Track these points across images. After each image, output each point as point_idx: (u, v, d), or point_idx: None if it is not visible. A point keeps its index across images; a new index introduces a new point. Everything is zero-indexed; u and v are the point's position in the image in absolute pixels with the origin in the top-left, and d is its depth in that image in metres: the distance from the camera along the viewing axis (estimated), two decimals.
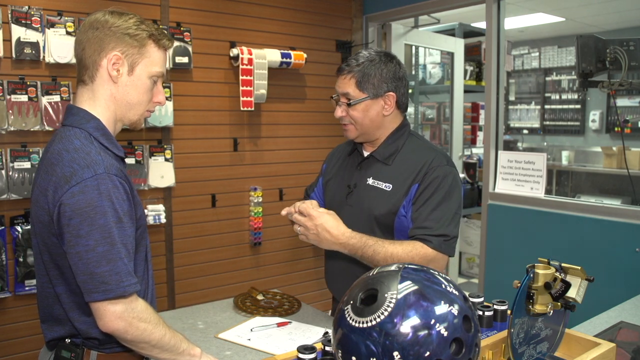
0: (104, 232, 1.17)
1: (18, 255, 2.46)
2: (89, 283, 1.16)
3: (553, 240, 2.75)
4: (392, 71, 1.69)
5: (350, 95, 1.68)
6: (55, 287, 1.26)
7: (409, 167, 1.68)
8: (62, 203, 1.16)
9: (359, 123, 1.69)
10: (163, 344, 1.25)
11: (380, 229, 1.68)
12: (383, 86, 1.67)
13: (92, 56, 1.28)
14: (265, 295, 2.01)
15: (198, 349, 1.33)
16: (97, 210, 1.16)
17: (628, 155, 5.00)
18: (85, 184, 1.16)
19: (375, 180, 1.71)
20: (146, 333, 1.22)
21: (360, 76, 1.66)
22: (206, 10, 3.00)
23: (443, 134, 5.18)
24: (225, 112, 3.11)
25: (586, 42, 2.40)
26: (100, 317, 1.19)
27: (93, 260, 1.16)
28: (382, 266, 1.00)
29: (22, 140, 2.48)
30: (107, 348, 1.29)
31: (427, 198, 1.62)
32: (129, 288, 1.18)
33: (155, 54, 1.32)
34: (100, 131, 1.28)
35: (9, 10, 2.38)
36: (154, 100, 1.37)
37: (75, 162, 1.19)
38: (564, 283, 1.17)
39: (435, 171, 1.64)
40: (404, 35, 3.82)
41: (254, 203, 3.21)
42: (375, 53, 1.70)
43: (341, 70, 1.71)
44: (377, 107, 1.69)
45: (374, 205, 1.69)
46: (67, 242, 1.17)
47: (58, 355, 1.28)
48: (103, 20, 1.28)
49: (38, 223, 1.24)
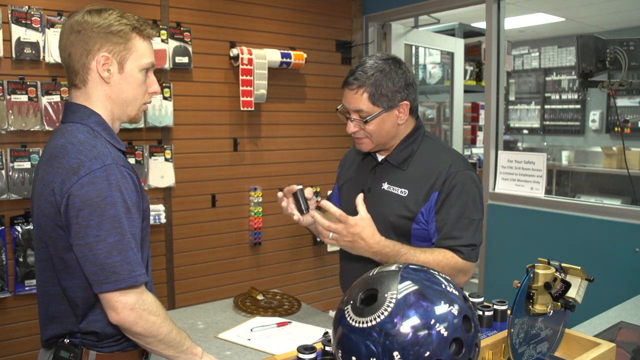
0: (114, 223, 1.17)
1: (18, 255, 2.46)
2: (100, 274, 1.16)
3: (553, 240, 2.75)
4: (404, 79, 1.61)
5: (364, 112, 1.59)
6: (62, 281, 1.25)
7: (425, 171, 1.63)
8: (71, 194, 1.16)
9: (375, 136, 1.63)
10: (169, 339, 1.25)
11: (396, 234, 1.62)
12: (397, 97, 1.60)
13: (80, 60, 1.26)
14: (265, 295, 2.01)
15: (199, 349, 1.33)
16: (107, 201, 1.16)
17: (628, 155, 5.00)
18: (95, 174, 1.16)
19: (391, 186, 1.66)
20: (155, 327, 1.22)
21: (373, 90, 1.58)
22: (206, 10, 3.00)
23: (443, 134, 5.18)
24: (225, 112, 3.11)
25: (586, 42, 2.40)
26: (111, 308, 1.18)
27: (104, 251, 1.16)
28: (382, 266, 1.00)
29: (22, 140, 2.48)
30: (106, 347, 1.29)
31: (450, 206, 1.58)
32: (140, 278, 1.19)
33: (141, 46, 1.31)
34: (101, 126, 1.28)
35: (9, 10, 2.38)
36: (148, 91, 1.36)
37: (82, 154, 1.19)
38: (564, 283, 1.17)
39: (455, 177, 1.59)
40: (404, 35, 3.82)
41: (254, 203, 3.21)
42: (382, 61, 1.61)
43: (350, 84, 1.61)
44: (392, 118, 1.62)
45: (389, 211, 1.64)
46: (75, 234, 1.17)
47: (57, 355, 1.28)
48: (83, 21, 1.26)
49: (42, 217, 1.23)
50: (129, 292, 1.18)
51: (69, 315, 1.27)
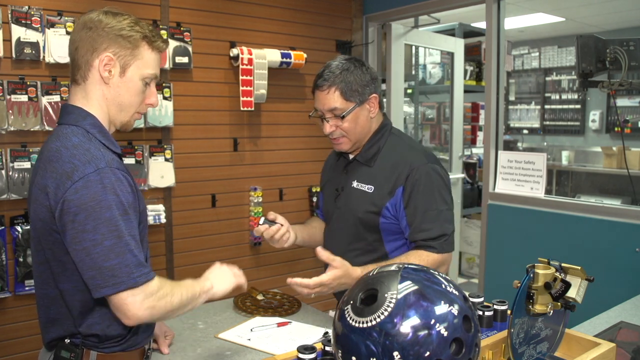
0: (110, 226, 1.16)
1: (18, 255, 2.46)
2: (98, 278, 1.16)
3: (553, 240, 2.75)
4: (369, 74, 1.70)
5: (338, 109, 1.67)
6: (59, 284, 1.25)
7: (389, 167, 1.70)
8: (66, 200, 1.16)
9: (352, 133, 1.70)
10: (183, 302, 1.29)
11: (365, 229, 1.72)
12: (366, 90, 1.68)
13: (85, 56, 1.27)
14: (265, 295, 2.01)
15: (207, 282, 1.39)
16: (102, 205, 1.16)
17: (628, 155, 5.00)
18: (88, 178, 1.16)
19: (359, 183, 1.74)
20: (168, 305, 1.25)
21: (344, 86, 1.65)
22: (206, 10, 3.00)
23: (443, 134, 5.18)
24: (225, 112, 3.11)
25: (586, 42, 2.40)
26: (123, 312, 1.18)
27: (101, 255, 1.15)
28: (382, 266, 1.00)
29: (22, 140, 2.48)
30: (107, 347, 1.29)
31: (417, 200, 1.64)
32: (140, 279, 1.19)
33: (148, 56, 1.31)
34: (97, 128, 1.28)
35: (9, 10, 2.38)
36: (146, 102, 1.36)
37: (75, 158, 1.18)
38: (564, 283, 1.17)
39: (417, 172, 1.65)
40: (404, 35, 3.82)
41: (254, 203, 3.21)
42: (346, 61, 1.70)
43: (320, 86, 1.69)
44: (365, 112, 1.70)
45: (357, 207, 1.72)
46: (71, 239, 1.17)
47: (57, 355, 1.28)
48: (97, 20, 1.27)
49: (38, 221, 1.23)
50: (134, 293, 1.18)
51: (69, 318, 1.27)
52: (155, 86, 1.38)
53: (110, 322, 1.27)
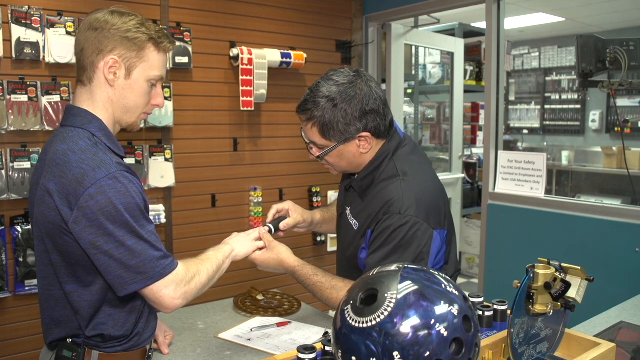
0: (129, 227, 1.18)
1: (18, 255, 2.46)
2: (125, 277, 1.19)
3: (553, 240, 2.75)
4: (358, 108, 1.42)
5: (318, 145, 1.48)
6: (65, 286, 1.25)
7: (373, 206, 1.49)
8: (81, 206, 1.15)
9: (337, 166, 1.54)
10: (211, 275, 1.35)
11: (350, 265, 1.60)
12: (351, 129, 1.43)
13: (90, 58, 1.26)
14: (265, 295, 2.01)
15: (228, 247, 1.49)
16: (118, 208, 1.17)
17: (628, 155, 5.00)
18: (101, 184, 1.16)
19: (350, 214, 1.59)
20: (199, 284, 1.30)
21: (321, 125, 1.43)
22: (206, 10, 3.00)
23: (443, 134, 5.18)
24: (225, 112, 3.11)
25: (586, 42, 2.40)
26: (160, 304, 1.24)
27: (125, 255, 1.18)
28: (382, 266, 1.00)
29: (22, 140, 2.48)
30: (109, 347, 1.29)
31: (376, 248, 1.44)
32: (165, 271, 1.22)
33: (154, 58, 1.30)
34: (102, 132, 1.27)
35: (9, 10, 2.38)
36: (152, 103, 1.36)
37: (84, 163, 1.18)
38: (564, 283, 1.17)
39: (387, 220, 1.42)
40: (404, 35, 3.82)
41: (254, 203, 3.21)
42: (337, 87, 1.42)
43: (300, 113, 1.48)
44: (352, 149, 1.48)
45: (345, 242, 1.63)
46: (91, 244, 1.17)
47: (59, 355, 1.28)
48: (103, 20, 1.26)
49: (47, 223, 1.22)
50: (166, 285, 1.22)
51: (74, 319, 1.27)
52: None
53: (115, 323, 1.28)
